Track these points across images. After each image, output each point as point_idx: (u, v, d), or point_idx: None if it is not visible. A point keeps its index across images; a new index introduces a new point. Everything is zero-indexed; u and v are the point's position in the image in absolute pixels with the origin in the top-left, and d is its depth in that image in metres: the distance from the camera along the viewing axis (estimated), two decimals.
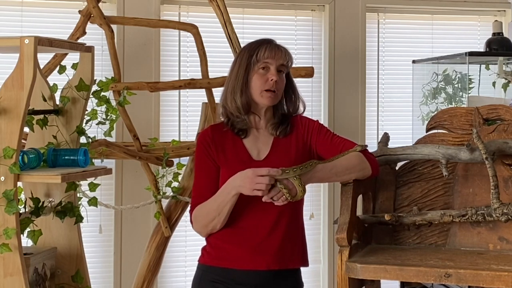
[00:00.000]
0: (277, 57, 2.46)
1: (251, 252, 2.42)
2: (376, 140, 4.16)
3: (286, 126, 2.51)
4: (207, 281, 2.47)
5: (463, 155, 2.54)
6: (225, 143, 2.48)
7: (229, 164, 2.44)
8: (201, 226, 2.45)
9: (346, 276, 2.36)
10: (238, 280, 2.43)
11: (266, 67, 2.45)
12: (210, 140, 2.48)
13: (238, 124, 2.48)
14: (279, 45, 2.50)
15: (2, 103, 2.53)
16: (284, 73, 2.49)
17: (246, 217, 2.42)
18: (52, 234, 2.93)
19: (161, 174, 3.56)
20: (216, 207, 2.39)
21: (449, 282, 2.26)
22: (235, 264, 2.43)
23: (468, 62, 3.97)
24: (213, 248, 2.49)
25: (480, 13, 4.65)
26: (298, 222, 2.52)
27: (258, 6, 4.31)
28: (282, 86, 2.48)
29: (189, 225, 4.09)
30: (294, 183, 2.33)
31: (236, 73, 2.49)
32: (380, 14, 4.53)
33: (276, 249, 2.43)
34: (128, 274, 3.98)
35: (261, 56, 2.45)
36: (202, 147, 2.49)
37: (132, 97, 3.40)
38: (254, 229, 2.42)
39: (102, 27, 3.43)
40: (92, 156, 3.10)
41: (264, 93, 2.45)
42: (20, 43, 2.52)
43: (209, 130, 2.53)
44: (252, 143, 2.49)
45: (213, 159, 2.46)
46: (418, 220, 2.59)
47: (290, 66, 2.52)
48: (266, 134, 2.51)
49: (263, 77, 2.45)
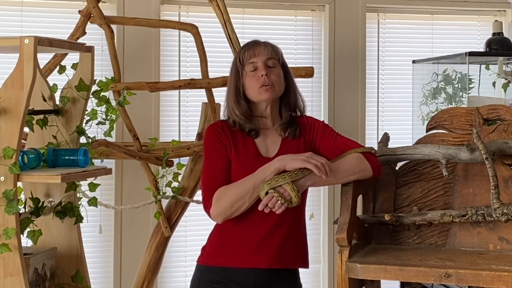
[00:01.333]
0: (260, 53, 2.47)
1: (252, 250, 2.42)
2: (376, 140, 4.16)
3: (295, 129, 2.52)
4: (205, 282, 2.47)
5: (463, 155, 2.54)
6: (235, 138, 2.49)
7: (240, 159, 2.45)
8: (225, 206, 2.40)
9: (346, 276, 2.36)
10: (237, 279, 2.44)
11: (254, 67, 2.47)
12: (221, 130, 2.50)
13: (247, 125, 2.50)
14: (260, 41, 2.51)
15: (2, 103, 2.53)
16: (276, 68, 2.49)
17: (249, 215, 2.42)
18: (52, 234, 2.92)
19: (161, 174, 3.56)
20: (253, 183, 2.37)
21: (449, 282, 2.26)
22: (234, 262, 2.43)
23: (468, 62, 3.97)
24: (213, 246, 2.49)
25: (480, 13, 4.65)
26: (301, 223, 2.52)
27: (258, 6, 4.31)
28: (277, 79, 2.48)
29: (189, 225, 4.18)
30: (287, 189, 2.34)
31: (229, 84, 2.53)
32: (380, 14, 4.53)
33: (277, 248, 2.43)
34: (128, 274, 3.98)
35: (244, 58, 2.49)
36: (214, 135, 2.49)
37: (132, 97, 3.40)
38: (256, 227, 2.43)
39: (102, 27, 3.42)
40: (92, 156, 3.10)
41: (260, 89, 2.45)
42: (20, 43, 2.52)
43: (219, 123, 2.54)
44: (261, 141, 2.51)
45: (225, 146, 2.47)
46: (418, 220, 2.59)
47: (280, 58, 2.52)
48: (275, 134, 2.52)
49: (255, 77, 2.46)
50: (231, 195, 2.40)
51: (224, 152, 2.47)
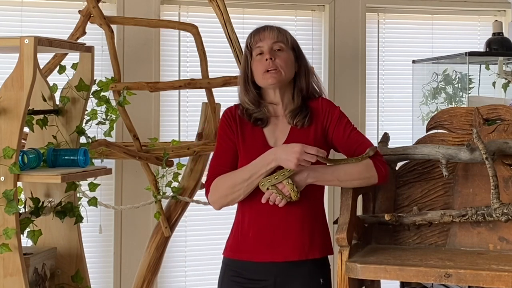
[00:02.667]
0: (265, 37, 2.46)
1: (268, 244, 2.42)
2: (376, 140, 4.16)
3: (305, 116, 2.47)
4: (229, 276, 2.49)
5: (463, 155, 2.54)
6: (245, 126, 2.49)
7: (246, 148, 2.45)
8: (219, 196, 2.43)
9: (346, 276, 2.36)
10: (257, 273, 2.44)
11: (260, 51, 2.46)
12: (233, 116, 2.50)
13: (255, 114, 2.49)
14: (268, 26, 2.50)
15: (2, 103, 2.53)
16: (283, 51, 2.46)
17: (262, 208, 2.42)
18: (52, 234, 2.92)
19: (161, 174, 3.56)
20: (248, 176, 2.38)
21: (449, 282, 2.26)
22: (253, 256, 2.44)
23: (468, 62, 3.97)
24: (233, 239, 2.50)
25: (480, 13, 4.65)
26: (317, 213, 2.48)
27: (258, 6, 4.31)
28: (283, 63, 2.44)
29: (189, 225, 4.18)
30: (286, 186, 2.35)
31: (240, 71, 2.54)
32: (380, 14, 4.53)
33: (293, 240, 2.41)
34: (128, 274, 3.97)
35: (251, 43, 2.48)
36: (226, 121, 2.51)
37: (132, 97, 3.40)
38: (269, 220, 2.42)
39: (102, 27, 3.42)
40: (92, 156, 3.10)
41: (265, 74, 2.44)
42: (20, 43, 2.52)
43: (233, 108, 2.54)
44: (271, 131, 2.49)
45: (234, 134, 2.47)
46: (418, 220, 2.59)
47: (288, 42, 2.48)
48: (284, 122, 2.49)
49: (261, 61, 2.45)
50: (225, 186, 2.42)
51: (233, 140, 2.48)
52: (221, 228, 3.91)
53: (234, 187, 2.40)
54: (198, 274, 4.18)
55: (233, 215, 2.55)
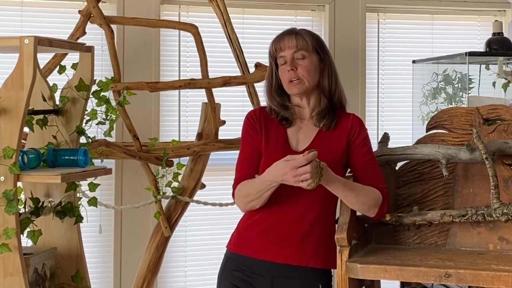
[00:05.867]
0: (286, 47, 2.45)
1: (271, 243, 2.42)
2: (376, 140, 4.16)
3: (332, 120, 2.47)
4: (229, 269, 2.50)
5: (463, 155, 2.54)
6: (269, 128, 2.49)
7: (269, 150, 2.45)
8: (241, 203, 2.47)
9: (346, 276, 2.36)
10: (256, 270, 2.44)
11: (284, 60, 2.46)
12: (257, 118, 2.51)
13: (282, 113, 2.49)
14: (288, 31, 2.48)
15: (2, 103, 2.53)
16: (306, 59, 2.44)
17: (273, 208, 2.42)
18: (52, 234, 2.92)
19: (161, 174, 3.56)
20: (255, 192, 2.39)
21: (449, 282, 2.26)
22: (254, 253, 2.44)
23: (468, 62, 3.97)
24: (238, 234, 2.51)
25: (480, 13, 4.65)
26: (328, 225, 2.47)
27: (258, 6, 4.31)
28: (306, 72, 2.44)
29: (189, 225, 4.18)
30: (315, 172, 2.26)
31: (267, 73, 2.54)
32: (380, 14, 4.53)
33: (297, 243, 2.41)
34: (128, 274, 3.98)
35: (274, 52, 2.49)
36: (249, 122, 2.51)
37: (132, 97, 3.40)
38: (279, 220, 2.42)
39: (102, 27, 3.42)
40: (92, 156, 3.10)
41: (289, 84, 2.45)
42: (20, 43, 2.52)
43: (257, 110, 2.56)
44: (294, 133, 2.49)
45: (258, 135, 2.47)
46: (418, 220, 2.59)
47: (309, 46, 2.45)
48: (310, 126, 2.50)
49: (284, 72, 2.46)
50: (243, 193, 2.44)
51: (257, 139, 2.48)
52: (221, 228, 3.93)
53: (249, 199, 2.42)
54: (198, 274, 4.19)
55: (233, 215, 2.56)
